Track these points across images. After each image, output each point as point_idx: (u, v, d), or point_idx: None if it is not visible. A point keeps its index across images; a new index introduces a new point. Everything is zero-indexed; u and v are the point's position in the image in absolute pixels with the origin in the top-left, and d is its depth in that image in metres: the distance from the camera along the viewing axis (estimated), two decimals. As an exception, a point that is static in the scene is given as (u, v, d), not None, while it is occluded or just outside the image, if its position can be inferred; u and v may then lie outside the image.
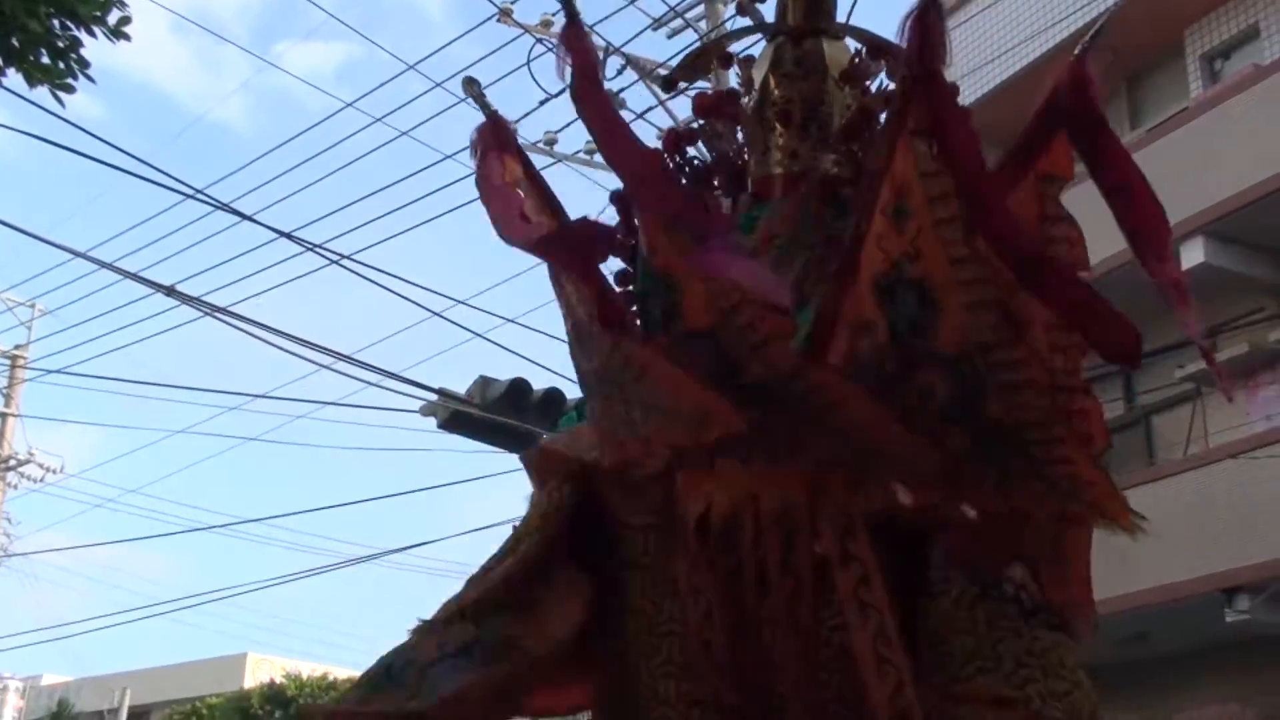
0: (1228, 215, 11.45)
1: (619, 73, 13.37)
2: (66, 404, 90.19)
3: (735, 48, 2.76)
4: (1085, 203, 2.56)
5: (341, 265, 12.63)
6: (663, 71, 13.70)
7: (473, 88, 2.56)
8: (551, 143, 14.17)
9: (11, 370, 24.42)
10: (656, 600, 2.24)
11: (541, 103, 13.48)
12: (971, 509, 2.08)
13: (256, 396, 22.29)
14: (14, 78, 5.62)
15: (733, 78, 2.82)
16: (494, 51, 26.23)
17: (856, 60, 2.59)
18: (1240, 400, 12.29)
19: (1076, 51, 2.34)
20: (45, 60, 5.52)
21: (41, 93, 5.70)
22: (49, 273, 65.62)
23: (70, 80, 5.61)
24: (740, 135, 2.65)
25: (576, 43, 2.25)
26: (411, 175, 23.76)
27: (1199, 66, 13.71)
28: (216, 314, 12.73)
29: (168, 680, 44.76)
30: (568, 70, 2.22)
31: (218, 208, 12.10)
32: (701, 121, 2.67)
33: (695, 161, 2.65)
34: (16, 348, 24.53)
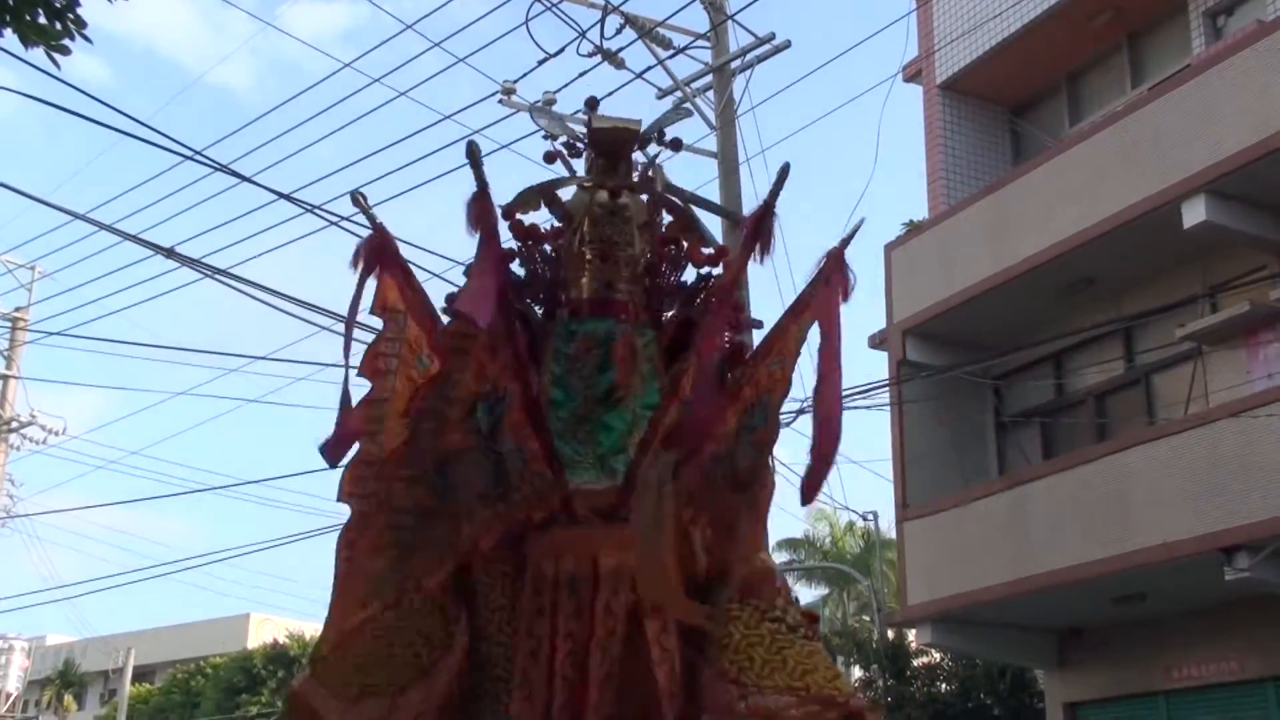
0: (1229, 173, 11.41)
1: (618, 31, 13.30)
2: (68, 366, 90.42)
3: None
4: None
5: (340, 227, 12.59)
6: (662, 31, 13.61)
7: (360, 200, 3.11)
8: (550, 103, 14.11)
9: (12, 332, 24.43)
10: (506, 632, 2.91)
11: (540, 62, 13.41)
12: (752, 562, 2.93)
13: (257, 359, 22.27)
14: (10, 38, 5.56)
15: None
16: (493, 10, 26.05)
17: (652, 215, 3.32)
18: (1241, 359, 12.29)
19: (835, 248, 3.10)
20: (41, 20, 5.45)
21: (38, 54, 5.64)
22: (49, 235, 65.52)
23: (66, 41, 5.55)
24: (549, 260, 3.28)
25: (482, 213, 2.96)
26: (410, 136, 23.63)
27: (1201, 23, 13.61)
28: (216, 276, 12.70)
29: (172, 640, 45.04)
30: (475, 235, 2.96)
31: (216, 169, 12.05)
32: (520, 244, 3.28)
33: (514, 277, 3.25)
34: (17, 310, 24.53)
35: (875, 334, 15.58)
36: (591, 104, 3.38)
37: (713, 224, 14.85)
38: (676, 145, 3.45)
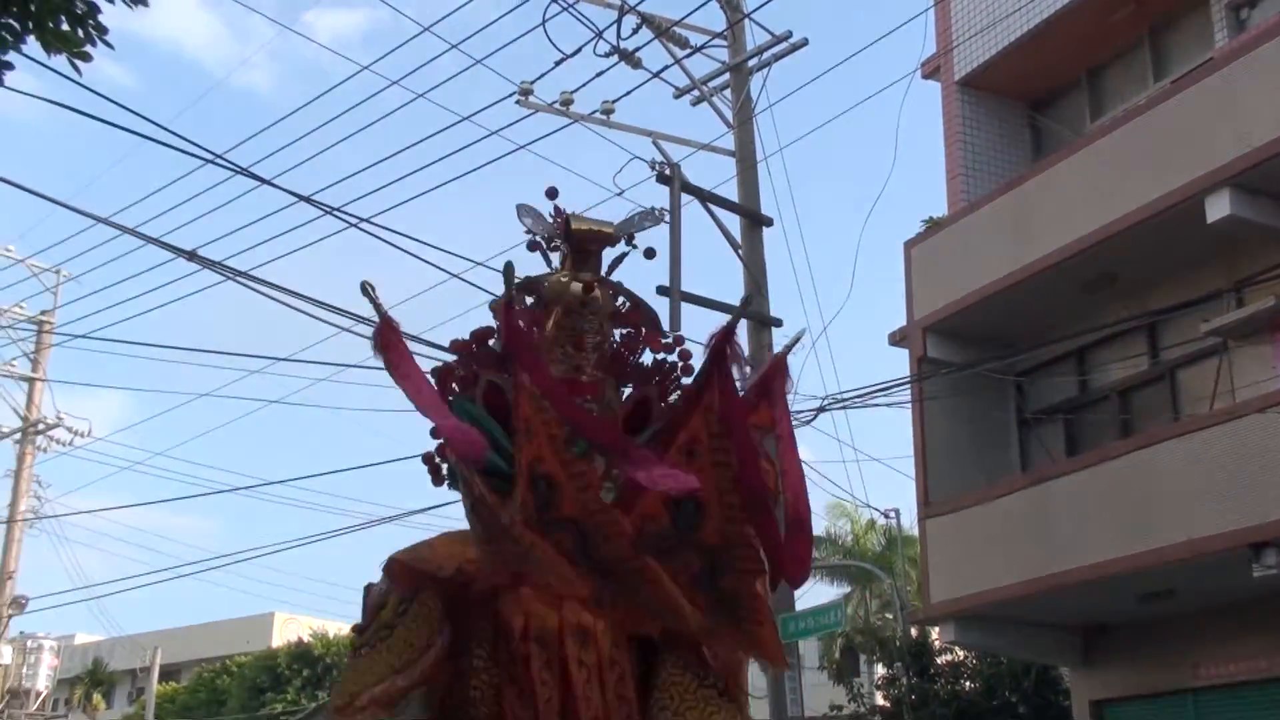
0: (1254, 167, 11.32)
1: (635, 31, 13.29)
2: (93, 369, 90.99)
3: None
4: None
5: (360, 229, 12.64)
6: (679, 30, 13.58)
7: (368, 291, 3.49)
8: (568, 103, 14.12)
9: (38, 335, 24.57)
10: (484, 680, 3.32)
11: (557, 63, 13.41)
12: (701, 638, 3.29)
13: (279, 360, 22.35)
14: (33, 44, 5.59)
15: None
16: (510, 11, 26.08)
17: (620, 308, 3.73)
18: (1267, 353, 12.19)
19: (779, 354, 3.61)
20: (64, 27, 5.48)
21: (61, 60, 5.67)
22: (73, 239, 65.92)
23: (88, 47, 5.57)
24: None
25: (510, 321, 3.35)
26: (429, 138, 23.67)
27: (1224, 16, 13.51)
28: (238, 278, 12.76)
29: (198, 639, 45.28)
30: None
31: (238, 172, 12.10)
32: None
33: (493, 351, 3.65)
34: (43, 313, 24.68)
35: (895, 331, 15.54)
36: (551, 194, 3.72)
37: (731, 222, 14.83)
38: (650, 254, 3.84)
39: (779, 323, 15.01)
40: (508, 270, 3.36)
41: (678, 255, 13.71)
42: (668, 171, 13.87)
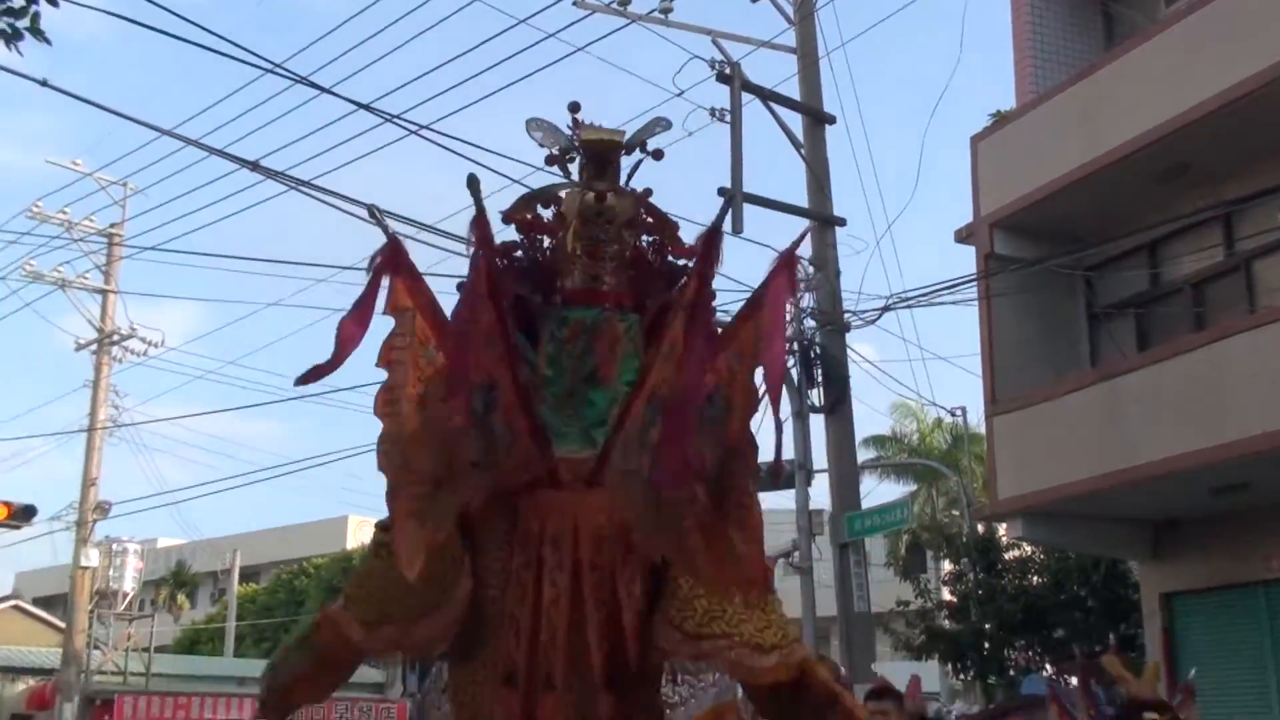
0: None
1: None
2: (162, 280, 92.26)
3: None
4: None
5: (420, 135, 12.66)
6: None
7: (375, 213, 3.45)
8: (625, 2, 13.94)
9: (109, 248, 24.95)
10: (499, 585, 3.34)
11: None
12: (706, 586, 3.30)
13: (343, 268, 22.54)
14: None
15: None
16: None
17: (637, 211, 3.71)
18: (1346, 243, 11.92)
19: (786, 250, 3.39)
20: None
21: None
22: (138, 152, 66.40)
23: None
24: (546, 251, 3.70)
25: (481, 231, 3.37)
26: (485, 42, 23.48)
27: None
28: (301, 187, 12.86)
29: (275, 542, 46.46)
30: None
31: (298, 81, 12.13)
32: (523, 237, 3.70)
33: (517, 264, 3.68)
34: (112, 226, 25.03)
35: (962, 228, 15.36)
36: (574, 108, 3.74)
37: (793, 122, 14.65)
38: (658, 155, 3.81)
39: (843, 222, 14.89)
40: (471, 181, 3.36)
41: (739, 156, 13.60)
42: (728, 70, 13.71)
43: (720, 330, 3.50)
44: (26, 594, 35.05)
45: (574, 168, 3.73)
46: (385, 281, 3.35)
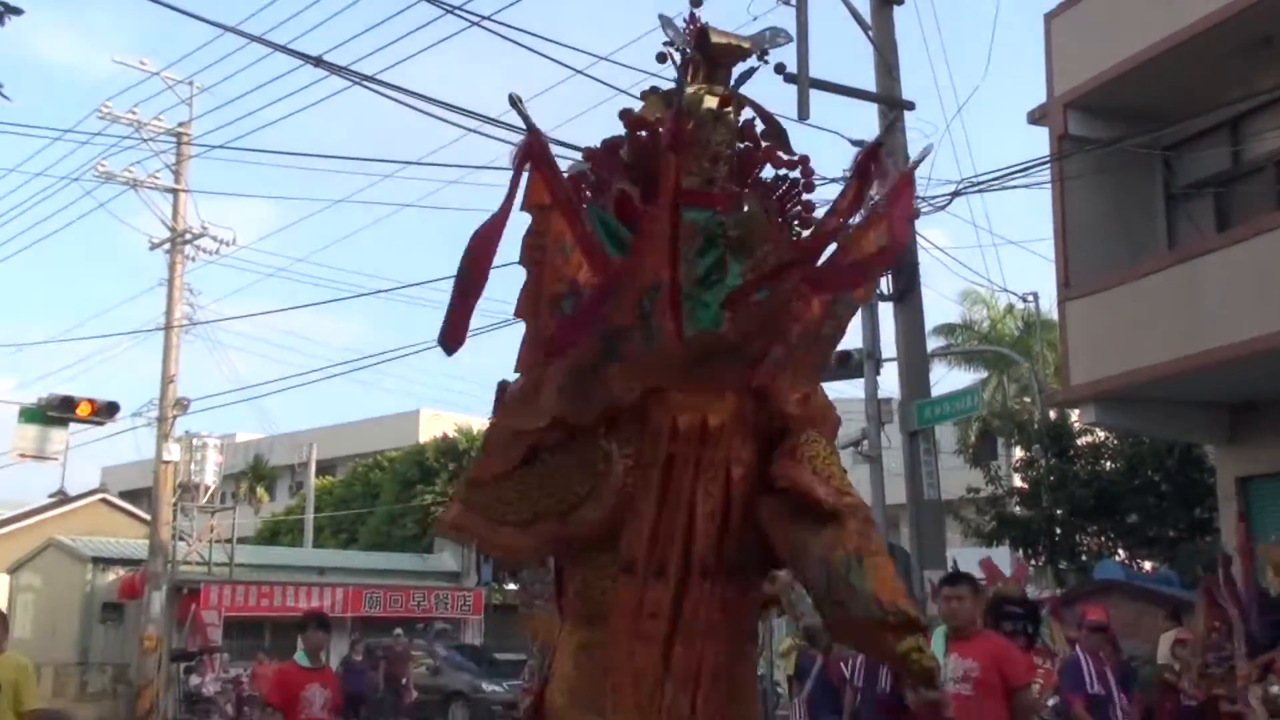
0: None
1: None
2: (231, 179, 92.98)
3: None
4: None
5: (482, 27, 12.53)
6: None
7: (516, 103, 3.34)
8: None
9: (178, 147, 25.12)
10: (629, 482, 3.41)
11: None
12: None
13: (409, 164, 22.59)
14: None
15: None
16: None
17: (750, 122, 3.76)
18: None
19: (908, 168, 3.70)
20: None
21: None
22: (202, 50, 66.59)
23: None
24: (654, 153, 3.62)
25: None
26: (548, -75, 23.05)
27: None
28: (364, 83, 12.82)
29: (350, 436, 47.32)
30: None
31: (360, -28, 11.99)
32: (630, 134, 3.69)
33: (623, 161, 3.68)
34: (180, 125, 25.17)
35: (1035, 109, 15.01)
36: (695, 2, 3.73)
37: (860, 3, 14.31)
38: (780, 69, 3.88)
39: (911, 106, 14.59)
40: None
41: (804, 39, 13.33)
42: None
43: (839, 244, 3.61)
44: (113, 488, 36.02)
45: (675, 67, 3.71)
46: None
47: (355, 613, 27.59)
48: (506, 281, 3.54)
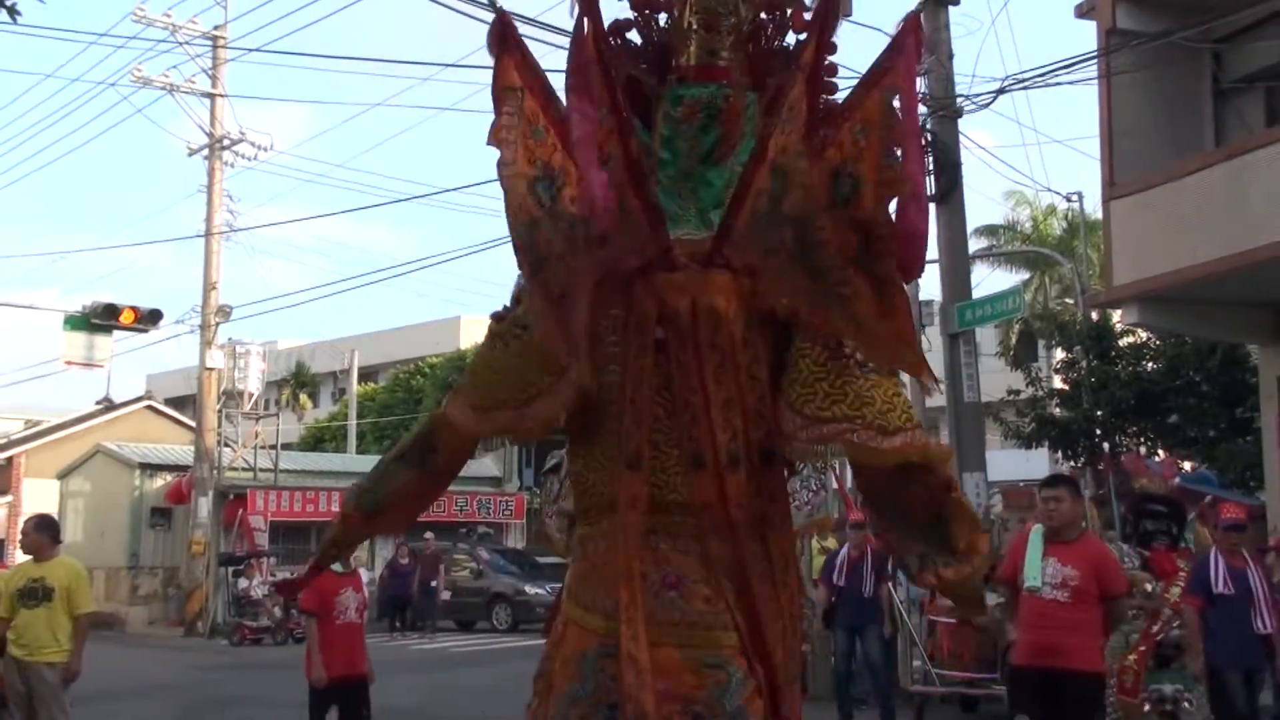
0: None
1: None
2: (267, 84, 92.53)
3: None
4: None
5: (519, -79, 12.31)
6: None
7: None
8: None
9: (214, 51, 25.02)
10: (616, 371, 3.27)
11: None
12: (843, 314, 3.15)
13: (446, 66, 22.38)
14: None
15: None
16: None
17: None
18: None
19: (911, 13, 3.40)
20: None
21: None
22: (234, -47, 65.87)
23: None
24: (662, 30, 3.51)
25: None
26: None
27: None
28: (400, -18, 12.65)
29: (391, 342, 47.68)
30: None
31: None
32: (636, 14, 3.53)
33: (631, 43, 3.51)
34: (216, 28, 25.03)
35: (1083, 2, 14.66)
36: None
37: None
38: None
39: (955, 0, 14.30)
40: None
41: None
42: None
43: (840, 101, 3.32)
44: (158, 395, 36.56)
45: None
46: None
47: (399, 516, 27.98)
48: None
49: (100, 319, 22.70)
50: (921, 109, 13.94)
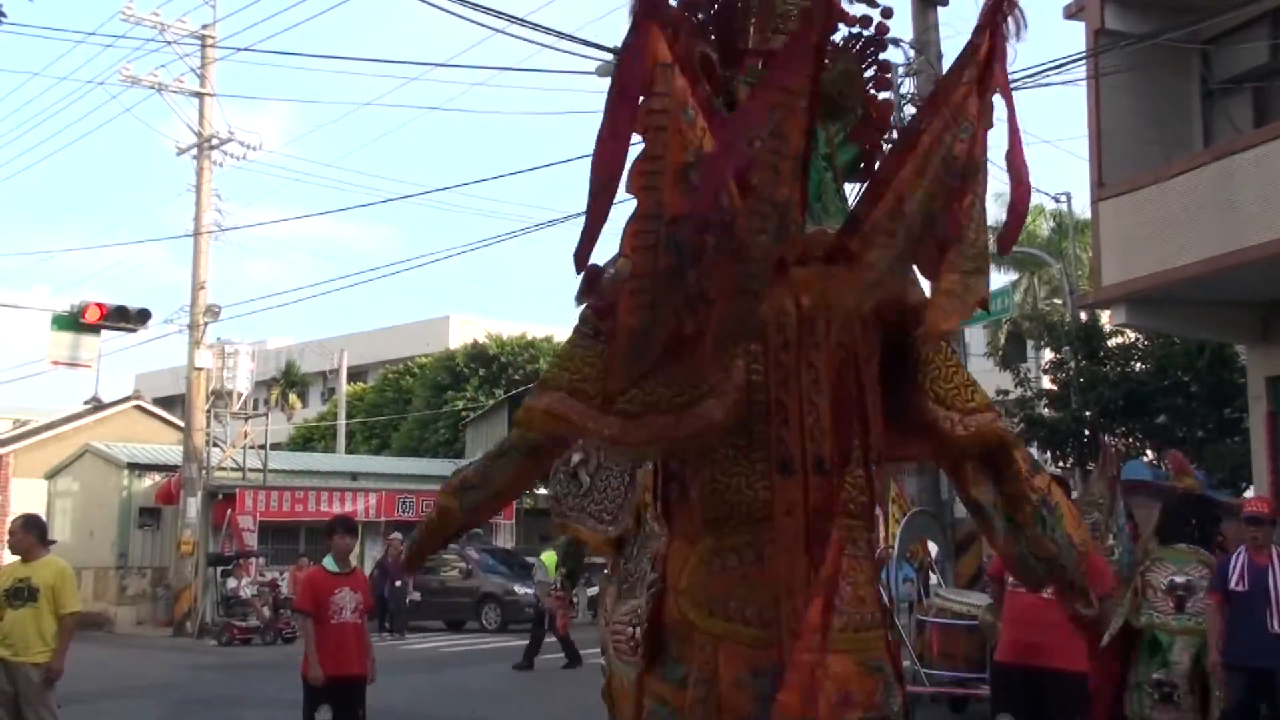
0: None
1: None
2: (255, 83, 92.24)
3: None
4: None
5: (509, -79, 12.30)
6: None
7: None
8: None
9: (203, 50, 24.96)
10: (756, 370, 3.15)
11: None
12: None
13: (435, 65, 22.37)
14: None
15: None
16: None
17: None
18: None
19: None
20: None
21: None
22: (223, -48, 65.79)
23: None
24: (730, 11, 3.40)
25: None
26: None
27: None
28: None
29: (380, 342, 47.64)
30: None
31: None
32: None
33: (699, 19, 3.35)
34: (204, 27, 24.98)
35: (1071, 3, 14.69)
36: None
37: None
38: None
39: (945, 1, 14.34)
40: None
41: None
42: None
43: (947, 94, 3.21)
44: (147, 395, 36.44)
45: None
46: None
47: (389, 517, 27.98)
48: (531, 185, 3.26)
49: (86, 319, 22.59)
50: (911, 109, 13.98)
